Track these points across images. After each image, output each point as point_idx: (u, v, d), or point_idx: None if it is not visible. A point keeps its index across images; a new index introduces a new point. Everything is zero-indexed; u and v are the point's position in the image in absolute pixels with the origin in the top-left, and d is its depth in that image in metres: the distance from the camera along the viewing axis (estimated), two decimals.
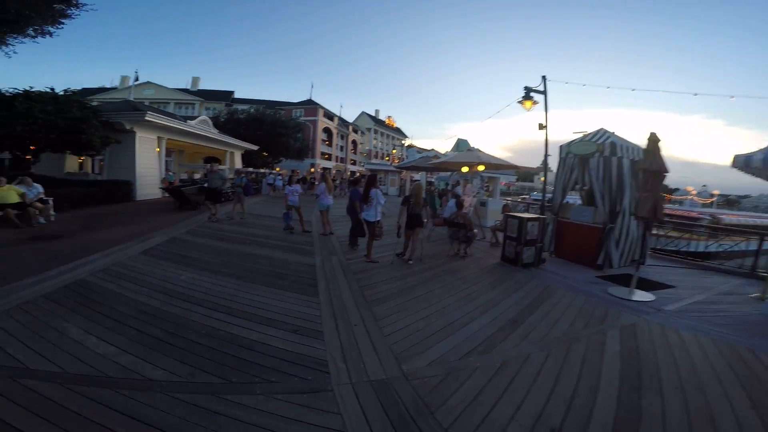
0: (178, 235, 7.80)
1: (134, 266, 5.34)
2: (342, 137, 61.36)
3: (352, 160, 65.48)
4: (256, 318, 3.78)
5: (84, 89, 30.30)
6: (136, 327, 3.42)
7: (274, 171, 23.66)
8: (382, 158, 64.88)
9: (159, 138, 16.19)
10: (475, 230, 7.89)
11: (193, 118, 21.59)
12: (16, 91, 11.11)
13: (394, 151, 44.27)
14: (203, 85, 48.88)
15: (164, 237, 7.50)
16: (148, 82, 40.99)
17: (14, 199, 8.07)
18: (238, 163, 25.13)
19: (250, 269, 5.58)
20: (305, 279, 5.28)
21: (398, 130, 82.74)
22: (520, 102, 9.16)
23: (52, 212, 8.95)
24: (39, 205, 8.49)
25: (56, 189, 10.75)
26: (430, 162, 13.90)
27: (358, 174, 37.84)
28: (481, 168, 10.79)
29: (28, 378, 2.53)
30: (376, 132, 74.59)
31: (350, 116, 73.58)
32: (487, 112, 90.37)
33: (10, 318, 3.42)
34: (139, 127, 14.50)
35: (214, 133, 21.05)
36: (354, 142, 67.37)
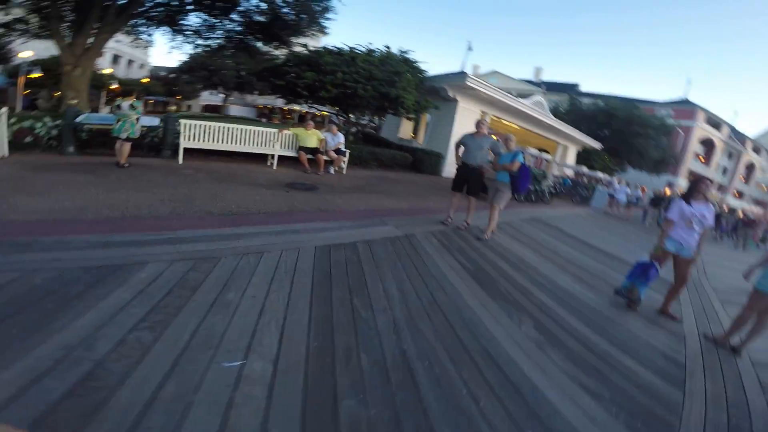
0: (416, 233, 4.34)
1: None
2: (730, 155, 40.77)
3: (737, 191, 42.42)
4: None
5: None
6: None
7: (615, 180, 16.35)
8: None
9: (483, 113, 13.86)
10: None
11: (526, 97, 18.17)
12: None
13: None
14: (546, 77, 45.26)
15: (397, 231, 4.30)
16: (494, 72, 42.01)
17: (312, 143, 7.63)
18: (572, 161, 19.87)
19: None
20: None
21: None
22: None
23: (343, 164, 8.21)
24: (333, 155, 7.71)
25: (375, 148, 10.57)
26: None
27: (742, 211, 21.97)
28: None
29: None
30: None
31: (753, 130, 47.82)
32: None
33: None
34: (462, 96, 12.72)
35: (548, 117, 16.70)
36: (751, 165, 43.40)
